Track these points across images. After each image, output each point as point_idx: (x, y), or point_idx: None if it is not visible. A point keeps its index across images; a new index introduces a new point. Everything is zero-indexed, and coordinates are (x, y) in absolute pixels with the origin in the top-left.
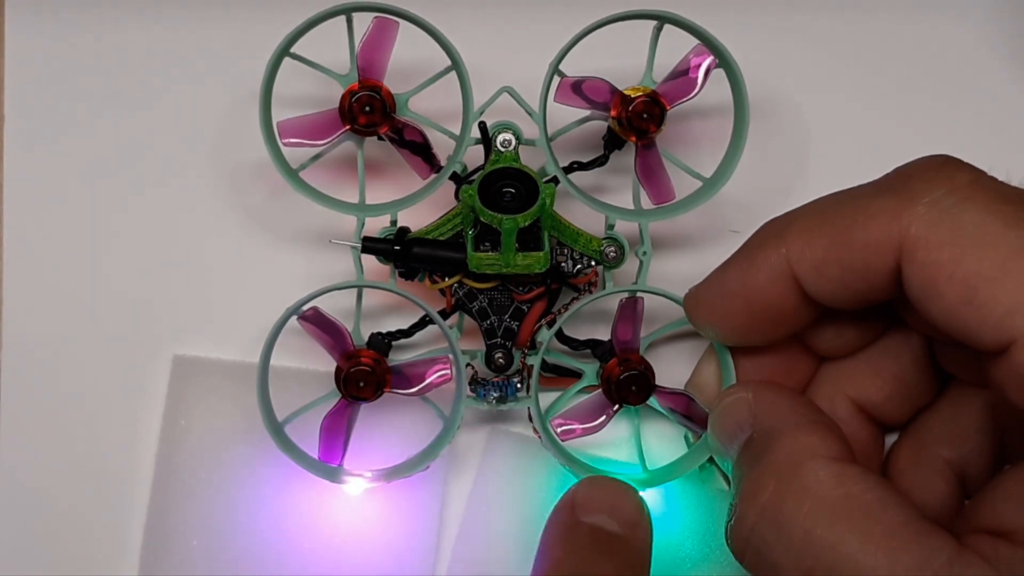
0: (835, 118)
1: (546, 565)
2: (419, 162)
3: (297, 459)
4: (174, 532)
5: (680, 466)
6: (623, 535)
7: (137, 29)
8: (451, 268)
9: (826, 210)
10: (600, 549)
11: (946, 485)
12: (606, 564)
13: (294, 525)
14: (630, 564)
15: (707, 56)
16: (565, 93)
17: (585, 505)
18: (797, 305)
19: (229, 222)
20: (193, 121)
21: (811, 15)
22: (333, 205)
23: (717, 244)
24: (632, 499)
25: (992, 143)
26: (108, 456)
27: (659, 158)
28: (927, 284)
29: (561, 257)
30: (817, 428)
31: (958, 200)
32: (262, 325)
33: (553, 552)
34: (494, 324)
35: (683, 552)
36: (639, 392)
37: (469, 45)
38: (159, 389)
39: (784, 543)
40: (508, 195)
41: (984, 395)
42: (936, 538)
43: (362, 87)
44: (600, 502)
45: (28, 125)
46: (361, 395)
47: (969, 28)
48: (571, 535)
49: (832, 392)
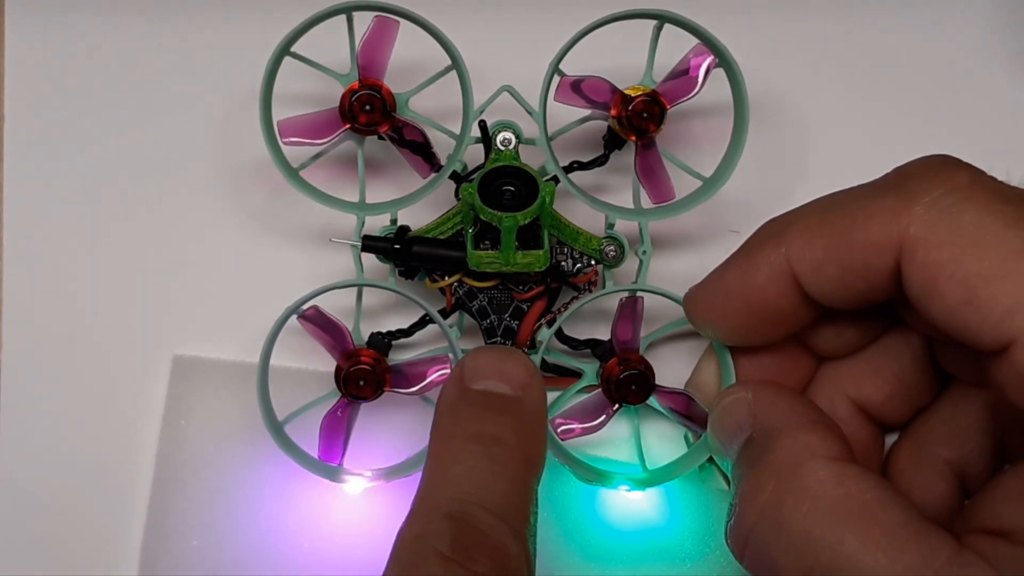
0: (835, 118)
1: (439, 428)
2: (419, 161)
3: (297, 458)
4: (174, 532)
5: (680, 466)
6: (515, 396)
7: (137, 29)
8: (451, 267)
9: (826, 210)
10: (493, 409)
11: (946, 485)
12: (501, 420)
13: (294, 525)
14: (526, 422)
15: (707, 56)
16: (565, 92)
17: (472, 375)
18: (797, 305)
19: (229, 222)
20: (193, 121)
21: (811, 15)
22: (333, 204)
23: (717, 244)
24: (520, 361)
25: (992, 143)
26: (108, 456)
27: (659, 157)
28: (927, 284)
29: (561, 256)
30: (817, 428)
31: (958, 200)
32: (262, 325)
33: (447, 416)
34: (494, 323)
35: (683, 552)
36: (639, 392)
37: (469, 44)
38: (159, 389)
39: (784, 543)
40: (508, 193)
41: (984, 395)
42: (936, 538)
43: (362, 86)
44: (488, 369)
45: (28, 125)
46: (361, 394)
47: (969, 28)
48: (463, 402)
49: (832, 392)
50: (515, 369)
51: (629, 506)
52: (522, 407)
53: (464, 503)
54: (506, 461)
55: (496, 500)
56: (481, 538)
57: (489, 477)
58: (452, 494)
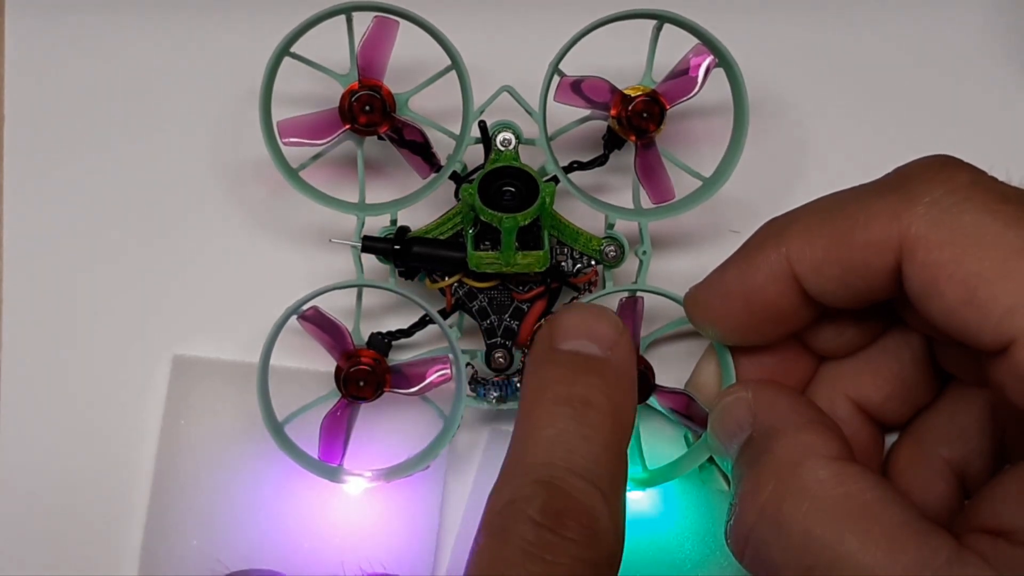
0: (835, 118)
1: (529, 391)
2: (419, 161)
3: (297, 459)
4: (174, 532)
5: (680, 466)
6: (603, 357)
7: (137, 29)
8: (451, 267)
9: (826, 210)
10: (582, 370)
11: (946, 485)
12: (590, 381)
13: (294, 525)
14: (614, 381)
15: (707, 55)
16: (565, 92)
17: (562, 334)
18: (797, 305)
19: (229, 222)
20: (193, 121)
21: (811, 15)
22: (333, 204)
23: (717, 244)
24: (609, 320)
25: (992, 143)
26: (108, 455)
27: (659, 157)
28: (927, 284)
29: (561, 256)
30: (817, 427)
31: (958, 200)
32: (262, 325)
33: (536, 378)
34: (494, 323)
35: (683, 552)
36: (639, 392)
37: (469, 45)
38: (159, 389)
39: (783, 542)
40: (508, 194)
41: (984, 395)
42: (936, 537)
43: (362, 86)
44: (577, 329)
45: (28, 125)
46: (361, 395)
47: (969, 28)
48: (551, 364)
49: (832, 392)
50: (604, 328)
51: (629, 506)
52: (611, 367)
53: (554, 467)
54: (596, 424)
55: (587, 464)
56: (572, 503)
57: (579, 440)
58: (543, 458)
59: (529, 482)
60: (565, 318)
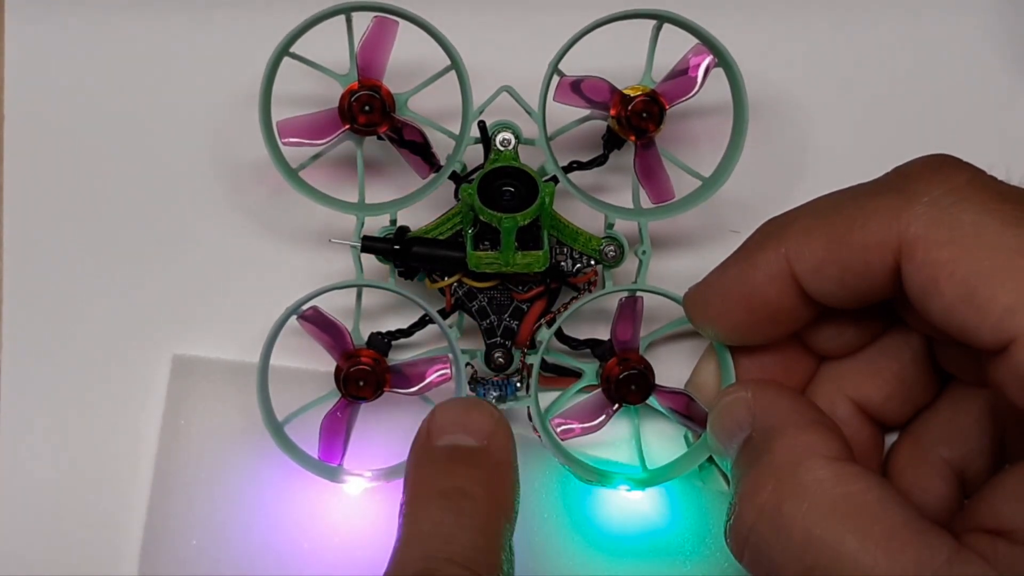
0: (835, 118)
1: (409, 488)
2: (419, 161)
3: (297, 459)
4: (174, 532)
5: (680, 465)
6: (480, 447)
7: (137, 29)
8: (450, 267)
9: (825, 209)
10: (459, 463)
11: (945, 485)
12: (466, 473)
13: (294, 525)
14: (491, 469)
15: (706, 55)
16: (564, 92)
17: (438, 431)
18: (796, 304)
19: (229, 222)
20: (193, 121)
21: (811, 14)
22: (333, 204)
23: (717, 244)
24: (484, 412)
25: (992, 143)
26: (108, 455)
27: (658, 157)
28: (927, 283)
29: (560, 256)
30: (816, 427)
31: (957, 199)
32: (262, 325)
33: (414, 476)
34: (493, 323)
35: (683, 552)
36: (639, 391)
37: (469, 45)
38: (159, 389)
39: (783, 542)
40: (507, 194)
41: (984, 395)
42: (935, 537)
43: (362, 87)
44: (452, 424)
45: (28, 125)
46: (361, 395)
47: (969, 28)
48: (428, 460)
49: (832, 392)
50: (479, 420)
51: (629, 506)
52: (488, 457)
53: (432, 559)
54: (472, 512)
55: (463, 551)
56: None
57: (455, 529)
58: (421, 552)
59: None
60: (440, 414)
